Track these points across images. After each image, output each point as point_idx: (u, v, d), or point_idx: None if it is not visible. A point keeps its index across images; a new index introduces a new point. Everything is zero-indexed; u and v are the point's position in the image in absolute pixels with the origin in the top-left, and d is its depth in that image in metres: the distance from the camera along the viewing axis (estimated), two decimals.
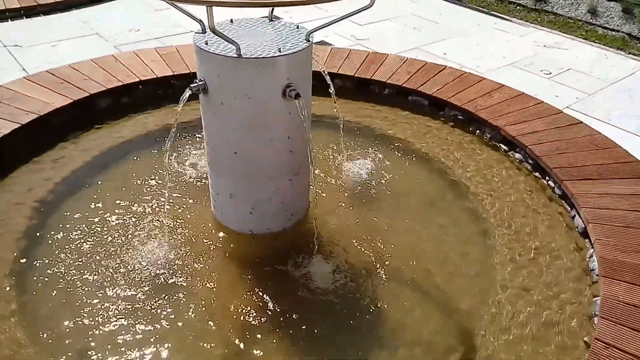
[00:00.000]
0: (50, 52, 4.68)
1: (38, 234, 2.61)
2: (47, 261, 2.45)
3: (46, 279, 2.37)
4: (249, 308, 2.26)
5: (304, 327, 2.20)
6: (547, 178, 3.05)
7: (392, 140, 3.51)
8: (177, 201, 2.86)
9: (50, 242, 2.57)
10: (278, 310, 2.26)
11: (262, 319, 2.22)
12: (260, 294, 2.32)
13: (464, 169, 3.24)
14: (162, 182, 2.98)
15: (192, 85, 2.20)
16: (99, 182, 2.99)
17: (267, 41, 2.21)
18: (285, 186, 2.43)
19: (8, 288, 2.31)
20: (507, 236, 2.72)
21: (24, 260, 2.46)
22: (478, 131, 3.55)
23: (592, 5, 5.68)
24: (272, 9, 2.47)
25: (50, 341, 2.09)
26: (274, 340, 2.14)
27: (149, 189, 2.95)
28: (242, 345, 2.12)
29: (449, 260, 2.59)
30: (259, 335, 2.15)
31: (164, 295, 2.30)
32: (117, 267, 2.43)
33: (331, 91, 2.78)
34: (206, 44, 2.16)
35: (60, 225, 2.67)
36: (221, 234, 2.62)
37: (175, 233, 2.63)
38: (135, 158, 3.22)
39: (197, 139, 3.38)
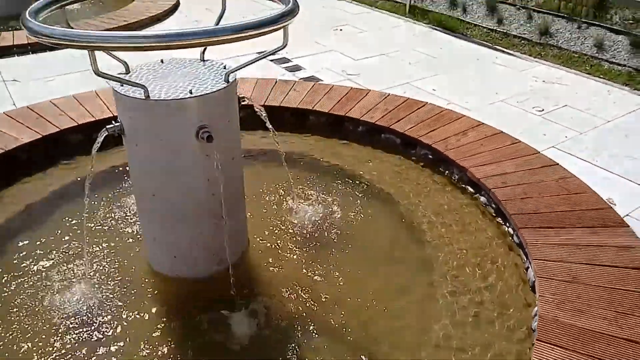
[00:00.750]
0: (44, 87, 4.84)
1: None
2: None
3: None
4: (160, 356, 2.17)
5: None
6: (507, 225, 2.86)
7: (357, 180, 3.39)
8: (117, 242, 2.83)
9: None
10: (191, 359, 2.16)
11: None
12: (176, 342, 2.23)
13: (426, 212, 3.09)
14: (105, 221, 2.97)
15: (108, 127, 2.18)
16: (49, 219, 3.01)
17: (185, 82, 2.18)
18: (209, 230, 2.35)
19: None
20: (455, 289, 2.54)
21: None
22: (447, 172, 3.40)
23: (599, 39, 5.43)
24: (204, 49, 2.45)
25: None
26: None
27: (95, 227, 2.94)
28: None
29: (386, 313, 2.43)
30: None
31: (77, 337, 2.24)
32: (37, 307, 2.39)
33: (269, 127, 2.71)
34: (121, 85, 2.14)
35: None
36: (149, 278, 2.56)
37: (106, 275, 2.59)
38: (94, 195, 3.22)
39: None
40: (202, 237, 2.36)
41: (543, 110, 4.43)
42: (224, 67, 2.36)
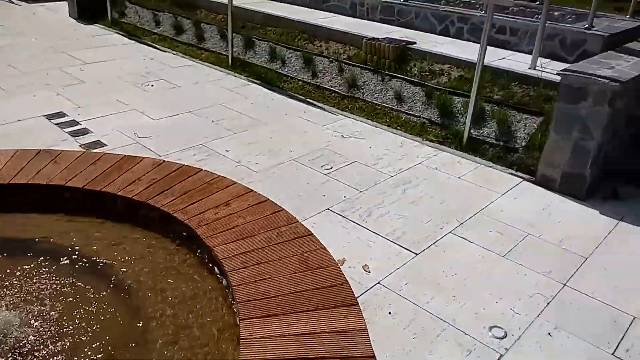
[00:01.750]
0: None
1: None
2: None
3: None
4: None
5: None
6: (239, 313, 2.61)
7: (96, 267, 3.00)
8: None
9: None
10: None
11: None
12: None
13: (164, 302, 2.76)
14: None
15: None
16: None
17: None
18: None
19: None
20: None
21: None
22: (199, 251, 3.12)
23: (399, 90, 5.62)
24: None
25: None
26: None
27: None
28: None
29: None
30: None
31: None
32: None
33: None
34: None
35: None
36: None
37: None
38: None
39: None
40: None
41: (331, 168, 4.37)
42: None
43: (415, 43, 6.12)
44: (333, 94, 6.05)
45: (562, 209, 3.90)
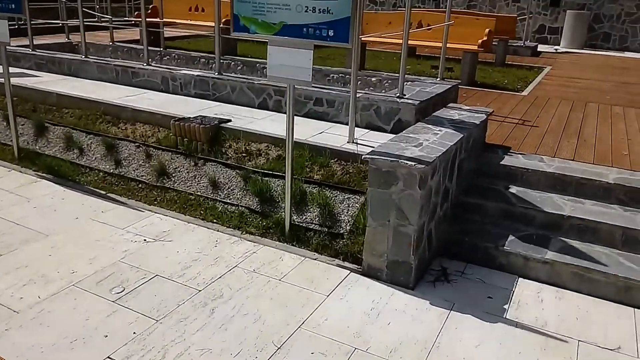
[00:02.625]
0: None
1: None
2: None
3: None
4: None
5: None
6: None
7: None
8: None
9: None
10: None
11: None
12: None
13: None
14: None
15: None
16: None
17: None
18: None
19: None
20: None
21: None
22: None
23: (213, 176, 5.00)
24: None
25: None
26: None
27: None
28: None
29: None
30: None
31: None
32: None
33: None
34: None
35: None
36: None
37: None
38: None
39: None
40: None
41: (123, 290, 3.52)
42: None
43: (230, 120, 5.60)
44: (140, 185, 5.23)
45: (391, 306, 3.49)
